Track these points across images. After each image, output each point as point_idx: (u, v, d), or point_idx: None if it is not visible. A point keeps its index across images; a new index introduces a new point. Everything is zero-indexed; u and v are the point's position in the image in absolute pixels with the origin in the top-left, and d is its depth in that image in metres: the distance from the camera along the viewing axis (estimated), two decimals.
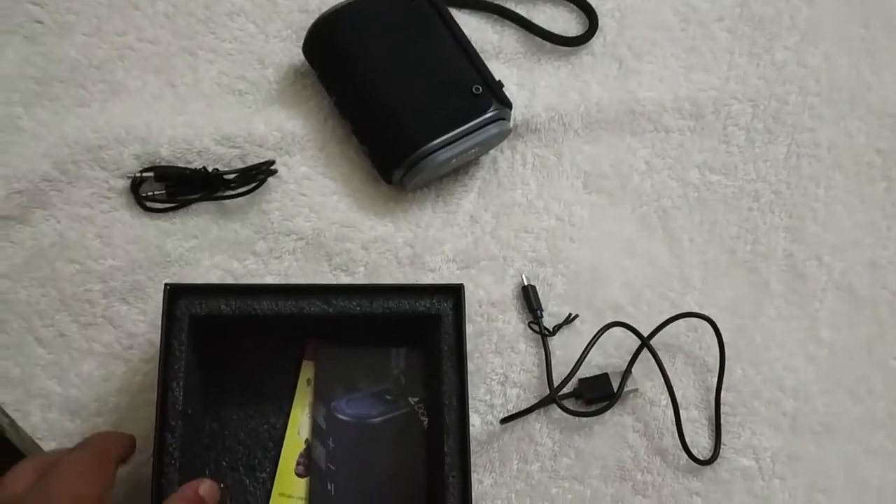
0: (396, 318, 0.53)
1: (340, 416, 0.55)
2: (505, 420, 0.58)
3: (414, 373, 0.57)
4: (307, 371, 0.57)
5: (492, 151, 0.65)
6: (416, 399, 0.56)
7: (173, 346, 0.50)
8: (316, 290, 0.52)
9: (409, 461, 0.55)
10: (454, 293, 0.53)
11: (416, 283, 0.56)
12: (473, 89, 0.60)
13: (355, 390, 0.56)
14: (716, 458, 0.58)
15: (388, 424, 0.56)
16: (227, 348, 0.56)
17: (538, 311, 0.60)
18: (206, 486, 0.48)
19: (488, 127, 0.60)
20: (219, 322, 0.52)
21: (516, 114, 0.65)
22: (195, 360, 0.52)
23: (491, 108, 0.60)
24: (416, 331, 0.55)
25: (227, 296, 0.51)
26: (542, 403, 0.57)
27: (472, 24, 0.67)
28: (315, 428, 0.55)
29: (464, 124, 0.59)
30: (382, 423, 0.55)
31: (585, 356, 0.57)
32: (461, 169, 0.64)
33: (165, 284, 0.50)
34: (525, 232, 0.63)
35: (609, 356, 0.60)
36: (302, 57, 0.64)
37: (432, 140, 0.59)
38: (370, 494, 0.55)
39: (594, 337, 0.58)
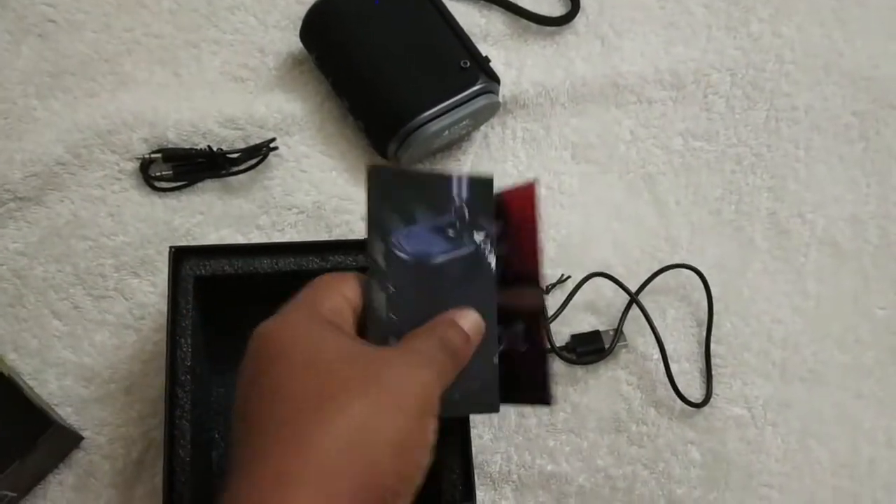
0: None
1: (400, 254, 0.45)
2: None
3: (478, 204, 0.47)
4: None
5: (482, 127, 0.68)
6: (481, 235, 0.47)
7: (180, 305, 0.52)
8: (313, 247, 0.55)
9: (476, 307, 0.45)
10: None
11: None
12: (461, 64, 0.63)
13: (413, 222, 0.46)
14: (708, 401, 0.60)
15: (451, 265, 0.46)
16: (230, 313, 0.58)
17: None
18: (469, 321, 0.43)
19: (477, 99, 0.63)
20: (222, 282, 0.54)
21: (505, 91, 0.68)
22: (201, 322, 0.54)
23: (479, 81, 0.63)
24: None
25: (229, 256, 0.54)
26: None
27: (459, 10, 0.70)
28: (374, 268, 0.44)
29: (453, 97, 0.62)
30: (446, 263, 0.46)
31: (571, 299, 0.60)
32: (454, 144, 0.67)
33: (170, 247, 0.53)
34: None
35: (600, 314, 0.62)
36: (299, 45, 0.68)
37: (423, 112, 0.62)
38: None
39: (578, 284, 0.61)
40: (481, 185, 0.47)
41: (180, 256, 0.53)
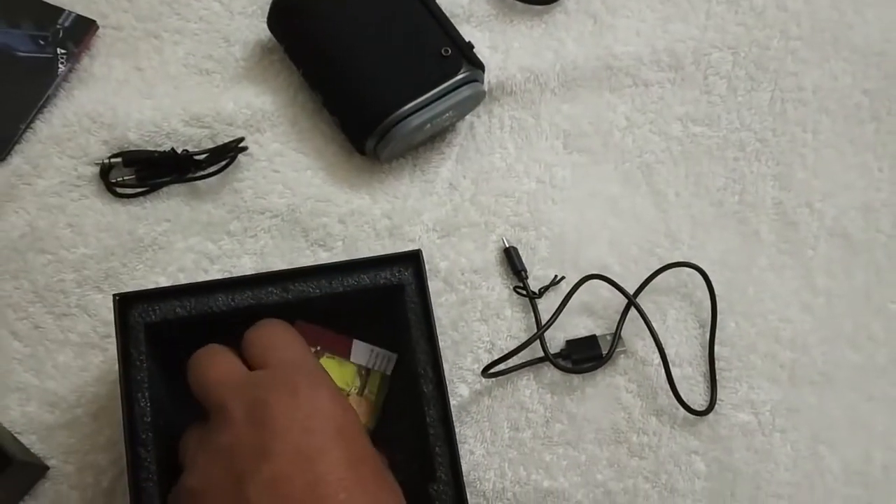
0: (357, 294, 0.50)
1: None
2: (488, 372, 0.55)
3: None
4: None
5: (468, 117, 0.63)
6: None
7: (133, 357, 0.48)
8: (271, 277, 0.50)
9: None
10: (413, 260, 0.51)
11: (372, 255, 0.52)
12: (442, 52, 0.59)
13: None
14: (712, 408, 0.56)
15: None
16: (190, 354, 0.54)
17: (522, 272, 0.58)
18: None
19: (460, 89, 0.59)
20: (176, 326, 0.49)
21: (491, 77, 0.63)
22: (158, 371, 0.50)
23: (461, 70, 0.58)
24: (381, 305, 0.53)
25: (180, 297, 0.49)
26: (533, 361, 0.56)
27: None
28: None
29: (434, 88, 0.58)
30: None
31: (565, 305, 0.56)
32: (437, 136, 0.63)
33: (114, 295, 0.48)
34: (505, 196, 0.61)
35: (597, 317, 0.59)
36: (268, 32, 0.63)
37: (403, 106, 0.57)
38: None
39: (572, 288, 0.57)
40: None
41: (126, 303, 0.49)
